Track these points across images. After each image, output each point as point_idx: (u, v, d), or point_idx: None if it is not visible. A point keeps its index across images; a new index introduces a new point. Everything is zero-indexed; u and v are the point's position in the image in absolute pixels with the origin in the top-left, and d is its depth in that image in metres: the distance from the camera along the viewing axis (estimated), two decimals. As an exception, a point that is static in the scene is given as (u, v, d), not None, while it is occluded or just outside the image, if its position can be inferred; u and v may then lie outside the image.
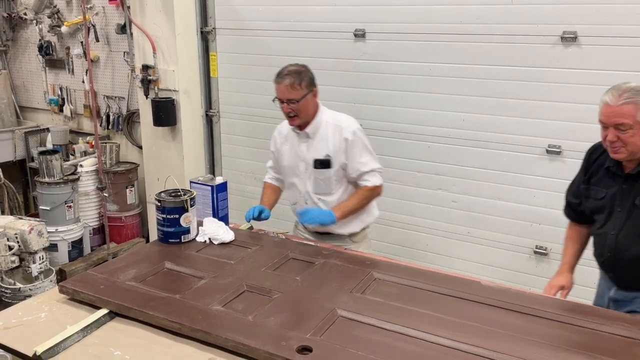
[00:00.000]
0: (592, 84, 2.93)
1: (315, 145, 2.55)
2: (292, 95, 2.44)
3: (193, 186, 2.57)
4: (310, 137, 2.55)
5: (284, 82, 2.44)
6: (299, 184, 2.63)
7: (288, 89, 2.44)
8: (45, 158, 4.20)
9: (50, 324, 1.77)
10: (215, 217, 2.52)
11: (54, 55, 5.09)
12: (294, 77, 2.44)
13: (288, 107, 2.46)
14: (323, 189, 2.57)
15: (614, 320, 1.76)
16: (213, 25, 4.11)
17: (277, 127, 2.76)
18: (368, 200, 2.59)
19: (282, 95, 2.46)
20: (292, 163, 2.63)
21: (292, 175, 2.65)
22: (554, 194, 3.15)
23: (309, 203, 2.61)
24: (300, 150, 2.59)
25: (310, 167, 2.55)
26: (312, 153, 2.54)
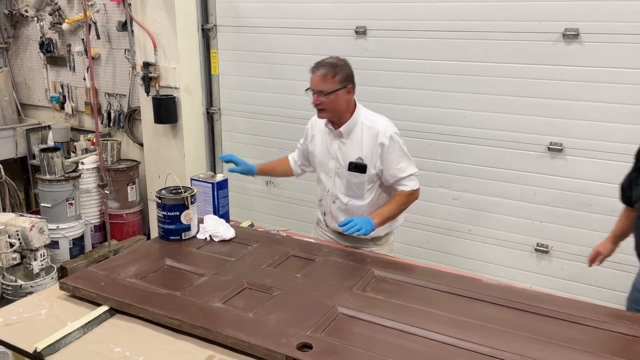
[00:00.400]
0: (593, 81, 2.92)
1: (348, 145, 2.46)
2: (323, 87, 2.36)
3: (193, 183, 2.57)
4: (344, 137, 2.46)
5: (318, 72, 2.37)
6: (326, 181, 2.57)
7: (320, 80, 2.36)
8: (46, 155, 4.20)
9: (51, 320, 1.77)
10: (216, 215, 2.51)
11: (55, 52, 5.08)
12: (328, 68, 2.36)
13: (317, 99, 2.38)
14: (355, 192, 2.49)
15: (616, 318, 1.76)
16: (214, 23, 4.11)
17: (311, 120, 2.68)
18: (406, 206, 2.49)
19: (314, 86, 2.38)
20: (322, 158, 2.56)
21: (320, 169, 2.59)
22: (555, 191, 3.15)
23: (337, 203, 2.54)
24: (332, 147, 2.51)
25: (342, 168, 2.48)
26: (345, 154, 2.46)
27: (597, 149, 2.98)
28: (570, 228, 3.15)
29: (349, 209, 2.52)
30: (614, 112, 2.90)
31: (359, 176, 2.45)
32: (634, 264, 3.05)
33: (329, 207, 2.58)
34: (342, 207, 2.53)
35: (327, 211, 2.61)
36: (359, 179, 2.45)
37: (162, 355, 1.60)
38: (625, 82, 2.85)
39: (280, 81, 3.94)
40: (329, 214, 2.60)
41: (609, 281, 3.10)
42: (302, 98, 3.85)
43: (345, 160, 2.46)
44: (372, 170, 2.43)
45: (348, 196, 2.51)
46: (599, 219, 3.05)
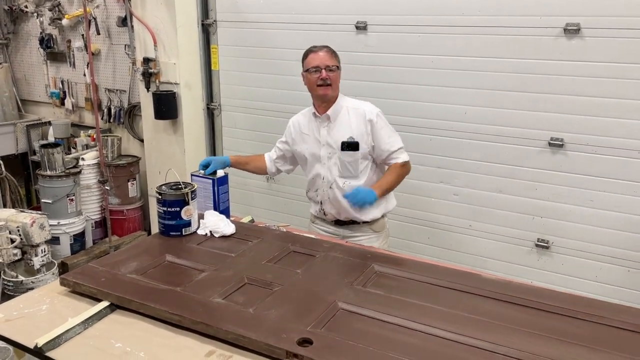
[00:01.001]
0: (595, 76, 2.91)
1: (336, 128, 2.57)
2: (333, 62, 2.52)
3: (194, 179, 2.56)
4: (331, 120, 2.58)
5: (323, 50, 2.53)
6: (322, 171, 2.63)
7: (328, 56, 2.52)
8: (46, 151, 4.21)
9: (52, 316, 1.77)
10: (216, 210, 2.51)
11: (55, 48, 5.08)
12: (330, 49, 2.55)
13: (326, 74, 2.49)
14: (349, 172, 2.58)
15: (616, 313, 1.75)
16: (214, 18, 4.10)
17: (291, 119, 2.79)
18: (402, 177, 2.63)
19: (322, 61, 2.50)
20: (313, 151, 2.64)
21: (314, 163, 2.65)
22: (556, 187, 3.15)
23: (333, 188, 2.60)
24: (321, 135, 2.61)
25: (335, 151, 2.56)
26: (335, 136, 2.56)
27: (598, 144, 2.98)
28: (571, 223, 3.14)
29: (346, 190, 2.57)
30: (615, 108, 2.90)
31: (353, 154, 2.54)
32: (634, 259, 3.07)
33: (327, 194, 2.64)
34: (339, 190, 2.59)
35: (324, 199, 2.66)
36: (353, 157, 2.55)
37: (163, 351, 1.60)
38: (627, 77, 2.84)
39: (280, 77, 3.93)
40: (327, 201, 2.65)
41: (609, 276, 3.10)
42: (302, 93, 3.85)
43: (337, 142, 2.55)
44: (365, 147, 2.55)
45: (343, 177, 2.59)
46: (600, 215, 3.05)
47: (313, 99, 2.65)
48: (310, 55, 2.55)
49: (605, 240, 3.07)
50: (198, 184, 2.49)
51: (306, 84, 2.62)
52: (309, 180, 2.73)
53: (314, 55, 2.53)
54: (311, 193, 2.75)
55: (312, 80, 2.54)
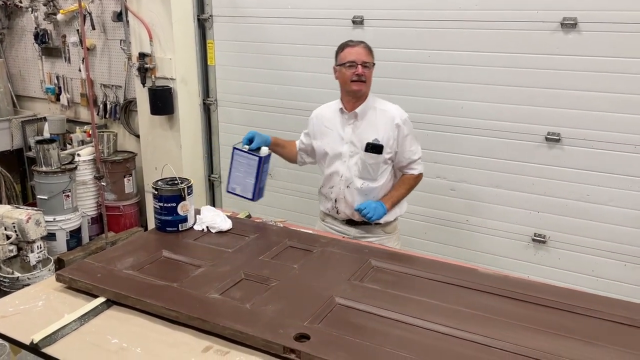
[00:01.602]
0: (591, 70, 2.91)
1: (362, 128, 2.52)
2: (369, 58, 2.47)
3: (237, 153, 2.45)
4: (358, 119, 2.52)
5: (360, 45, 2.47)
6: (341, 169, 2.57)
7: (366, 52, 2.46)
8: (42, 147, 4.19)
9: (48, 312, 1.76)
10: (255, 189, 2.46)
11: (50, 43, 5.05)
12: (366, 44, 2.49)
13: (362, 70, 2.43)
14: (369, 174, 2.54)
15: (610, 307, 1.76)
16: (210, 13, 4.08)
17: (314, 111, 2.72)
18: (413, 188, 2.61)
19: (359, 57, 2.44)
20: (334, 147, 2.58)
21: (334, 160, 2.59)
22: (553, 181, 3.15)
23: (350, 187, 2.56)
24: (345, 132, 2.55)
25: (358, 150, 2.51)
26: (360, 136, 2.51)
27: (595, 139, 2.98)
28: (567, 218, 3.15)
29: (362, 191, 2.55)
30: (612, 102, 2.90)
31: (376, 157, 2.49)
32: (630, 253, 3.07)
33: (342, 193, 2.58)
34: (356, 190, 2.55)
35: (339, 197, 2.60)
36: (375, 159, 2.50)
37: (159, 347, 1.60)
38: (624, 72, 2.84)
39: (277, 72, 3.92)
40: (341, 199, 2.60)
41: (606, 271, 3.11)
42: (299, 88, 3.87)
43: (361, 141, 2.50)
44: (389, 151, 2.50)
45: (362, 178, 2.54)
46: (597, 209, 3.06)
47: (343, 94, 2.58)
48: (346, 49, 2.48)
49: (602, 235, 3.08)
50: (240, 158, 2.44)
51: (338, 78, 2.55)
52: (326, 176, 2.66)
53: (350, 50, 2.47)
54: (325, 189, 2.69)
55: (346, 75, 2.47)
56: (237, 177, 2.46)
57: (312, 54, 3.74)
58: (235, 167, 2.46)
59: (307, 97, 3.84)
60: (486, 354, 1.51)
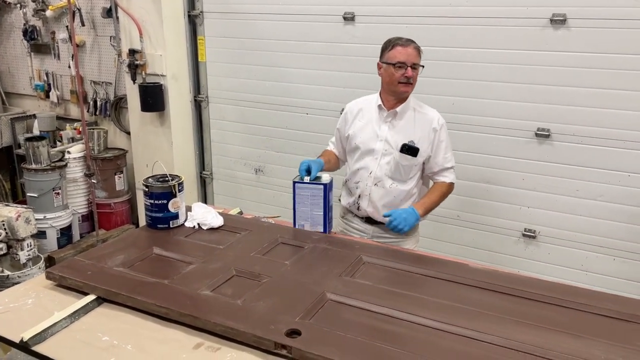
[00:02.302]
0: (581, 66, 2.93)
1: (399, 127, 2.45)
2: (419, 60, 2.38)
3: (299, 187, 2.34)
4: (397, 118, 2.45)
5: (412, 45, 2.36)
6: (372, 166, 2.49)
7: (416, 53, 2.37)
8: (31, 144, 4.16)
9: (38, 310, 1.76)
10: (325, 221, 2.34)
11: (39, 40, 5.00)
12: (417, 44, 2.39)
13: (412, 72, 2.35)
14: (401, 176, 2.47)
15: (599, 301, 1.78)
16: (200, 9, 4.06)
17: (348, 105, 2.62)
18: (446, 197, 2.52)
19: (409, 59, 2.34)
20: (367, 140, 2.49)
21: (365, 155, 2.50)
22: (543, 177, 3.17)
23: (378, 185, 2.49)
24: (380, 130, 2.47)
25: (392, 149, 2.44)
26: (396, 136, 2.44)
27: (585, 135, 3.00)
28: (557, 213, 3.17)
29: (390, 192, 2.49)
30: (601, 98, 2.92)
31: (410, 159, 2.44)
32: (619, 248, 3.10)
33: (368, 190, 2.51)
34: (383, 190, 2.49)
35: (364, 194, 2.53)
36: (409, 162, 2.44)
37: (150, 344, 1.59)
38: (613, 68, 2.86)
39: (268, 68, 3.91)
40: (365, 196, 2.52)
41: (595, 265, 3.14)
42: (290, 85, 3.86)
43: (396, 142, 2.44)
44: (424, 155, 2.45)
45: (392, 179, 2.48)
46: (586, 204, 3.08)
47: (384, 91, 2.48)
48: (397, 48, 2.36)
49: (591, 230, 3.10)
50: (303, 191, 2.34)
51: (382, 75, 2.45)
52: (353, 170, 2.58)
53: (401, 50, 2.35)
54: (351, 184, 2.60)
55: (394, 76, 2.37)
56: (303, 212, 2.35)
57: (303, 50, 3.74)
58: (300, 201, 2.35)
59: (299, 93, 3.84)
60: (477, 348, 1.53)
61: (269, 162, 4.12)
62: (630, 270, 3.05)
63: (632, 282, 3.06)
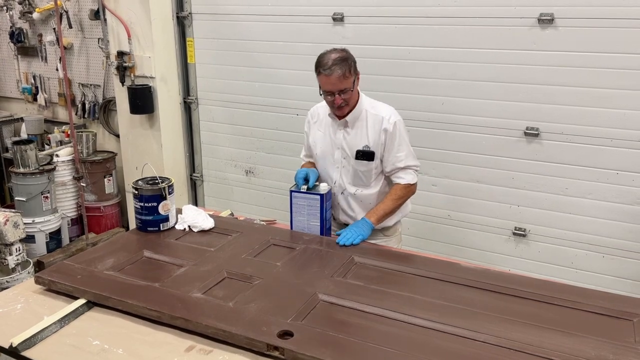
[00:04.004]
0: (568, 65, 2.95)
1: (353, 134, 2.38)
2: (345, 85, 2.24)
3: (295, 196, 2.33)
4: (349, 125, 2.38)
5: (335, 74, 2.21)
6: (332, 173, 2.46)
7: (340, 80, 2.22)
8: (19, 148, 4.11)
9: (27, 315, 1.74)
10: (322, 229, 2.33)
11: (26, 42, 4.96)
12: (343, 65, 2.22)
13: (340, 99, 2.26)
14: (362, 181, 2.43)
15: (589, 298, 1.79)
16: (189, 10, 4.04)
17: (311, 110, 2.57)
18: (403, 200, 2.43)
19: (334, 87, 2.24)
20: (325, 150, 2.46)
21: (325, 162, 2.48)
22: (532, 175, 3.19)
23: (344, 194, 2.45)
24: (336, 138, 2.42)
25: (349, 157, 2.40)
26: (350, 143, 2.38)
27: (573, 133, 3.02)
28: (547, 211, 3.19)
29: (357, 197, 2.45)
30: (588, 97, 2.94)
31: (367, 164, 2.38)
32: (608, 245, 3.13)
33: (336, 199, 2.48)
34: (350, 197, 2.46)
35: (335, 203, 2.50)
36: (367, 167, 2.39)
37: (142, 347, 1.58)
38: (600, 67, 2.88)
39: (257, 69, 3.90)
40: (336, 206, 2.50)
41: (584, 263, 3.16)
42: (280, 86, 3.86)
43: (351, 149, 2.39)
44: (378, 158, 2.38)
45: (355, 186, 2.44)
46: (575, 202, 3.10)
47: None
48: (321, 76, 2.25)
49: (581, 228, 3.13)
50: (300, 200, 2.32)
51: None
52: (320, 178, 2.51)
53: (325, 80, 2.24)
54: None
55: (327, 101, 2.34)
56: (300, 221, 2.34)
57: (292, 51, 3.73)
58: (297, 210, 2.33)
59: (288, 94, 3.83)
60: (469, 347, 1.53)
61: (260, 163, 4.11)
62: (619, 267, 3.08)
63: (621, 279, 3.08)
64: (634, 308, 1.73)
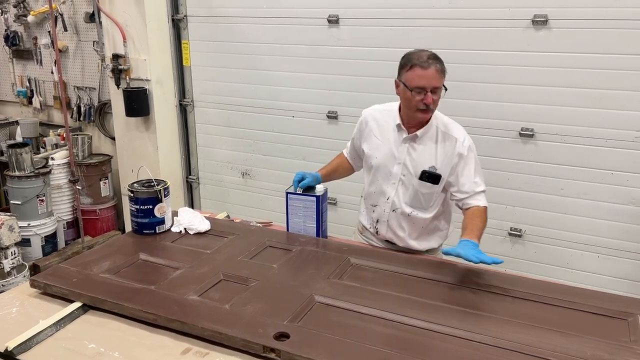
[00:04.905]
0: (562, 66, 2.97)
1: (420, 151, 2.19)
2: (440, 82, 2.05)
3: (291, 199, 2.30)
4: (417, 141, 2.19)
5: (433, 67, 2.02)
6: (389, 191, 2.27)
7: (438, 75, 2.03)
8: (14, 151, 4.10)
9: (22, 318, 1.73)
10: (319, 232, 2.30)
11: (21, 45, 4.94)
12: (439, 62, 2.04)
13: (432, 98, 2.05)
14: (421, 204, 2.24)
15: (585, 298, 1.80)
16: (184, 13, 4.04)
17: (366, 113, 2.36)
18: (486, 223, 2.19)
19: (429, 82, 2.03)
20: (384, 162, 2.26)
21: (381, 178, 2.29)
22: (527, 176, 3.20)
23: (396, 212, 2.28)
24: (399, 151, 2.22)
25: (411, 176, 2.21)
26: (416, 160, 2.19)
27: (568, 134, 3.04)
28: (542, 212, 3.20)
29: (411, 219, 2.28)
30: (583, 97, 2.95)
31: (431, 187, 2.20)
32: (604, 245, 3.14)
33: (386, 216, 2.31)
34: (403, 217, 2.29)
35: (382, 219, 2.33)
36: (430, 189, 2.20)
37: (138, 350, 1.58)
38: (594, 67, 2.90)
39: (253, 71, 3.90)
40: (384, 222, 2.33)
41: (580, 263, 3.17)
42: (276, 88, 3.86)
43: (416, 168, 2.20)
44: (444, 182, 2.20)
45: (412, 207, 2.26)
46: (570, 203, 3.11)
47: (404, 111, 2.20)
48: (415, 69, 2.04)
49: (576, 228, 3.14)
50: (296, 202, 2.30)
51: (399, 94, 2.17)
52: (369, 191, 2.35)
53: (421, 73, 2.03)
54: (367, 204, 2.40)
55: (412, 101, 2.08)
56: (296, 223, 2.31)
57: (288, 53, 3.74)
58: (292, 212, 2.30)
59: (284, 96, 3.84)
60: (465, 347, 1.53)
61: (256, 165, 4.11)
62: (615, 267, 3.09)
63: (617, 278, 3.10)
64: (629, 308, 1.73)
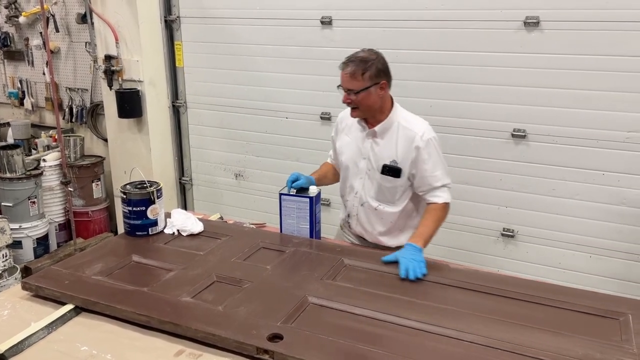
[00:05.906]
0: (554, 67, 2.98)
1: (382, 146, 2.28)
2: (352, 85, 2.19)
3: (285, 200, 2.31)
4: (378, 136, 2.29)
5: (346, 70, 2.20)
6: (354, 183, 2.38)
7: (348, 78, 2.19)
8: (6, 153, 4.07)
9: (14, 321, 1.72)
10: (312, 233, 2.31)
11: (12, 46, 4.92)
12: (358, 65, 2.18)
13: (347, 97, 2.21)
14: (386, 197, 2.32)
15: (576, 297, 1.81)
16: (177, 14, 4.03)
17: (340, 114, 2.49)
18: (443, 221, 2.27)
19: (343, 84, 2.22)
20: (351, 157, 2.37)
21: (348, 171, 2.40)
22: (520, 177, 3.22)
23: (365, 206, 2.36)
24: (364, 147, 2.32)
25: (374, 170, 2.30)
26: (378, 155, 2.29)
27: (559, 135, 3.05)
28: (534, 212, 3.22)
29: (378, 214, 2.35)
30: (574, 98, 2.97)
31: (392, 180, 2.27)
32: (595, 245, 3.16)
33: (356, 210, 2.40)
34: (370, 211, 2.36)
35: (352, 213, 2.43)
36: (392, 183, 2.28)
37: (131, 352, 1.57)
38: (585, 69, 2.91)
39: (246, 73, 3.90)
40: (354, 216, 2.42)
41: (572, 262, 3.19)
42: (269, 89, 3.86)
43: (378, 162, 2.28)
44: (406, 175, 2.26)
45: (378, 201, 2.33)
46: (562, 203, 3.13)
47: None
48: (340, 69, 2.25)
49: (568, 228, 3.15)
50: (289, 203, 2.31)
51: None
52: (342, 186, 2.47)
53: (340, 73, 2.23)
54: (343, 199, 2.50)
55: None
56: (289, 224, 2.32)
57: (281, 54, 3.74)
58: (286, 213, 2.31)
59: (277, 97, 3.83)
60: (458, 348, 1.54)
61: (249, 166, 4.10)
62: (606, 266, 3.11)
63: (608, 278, 3.11)
64: (621, 307, 1.75)
